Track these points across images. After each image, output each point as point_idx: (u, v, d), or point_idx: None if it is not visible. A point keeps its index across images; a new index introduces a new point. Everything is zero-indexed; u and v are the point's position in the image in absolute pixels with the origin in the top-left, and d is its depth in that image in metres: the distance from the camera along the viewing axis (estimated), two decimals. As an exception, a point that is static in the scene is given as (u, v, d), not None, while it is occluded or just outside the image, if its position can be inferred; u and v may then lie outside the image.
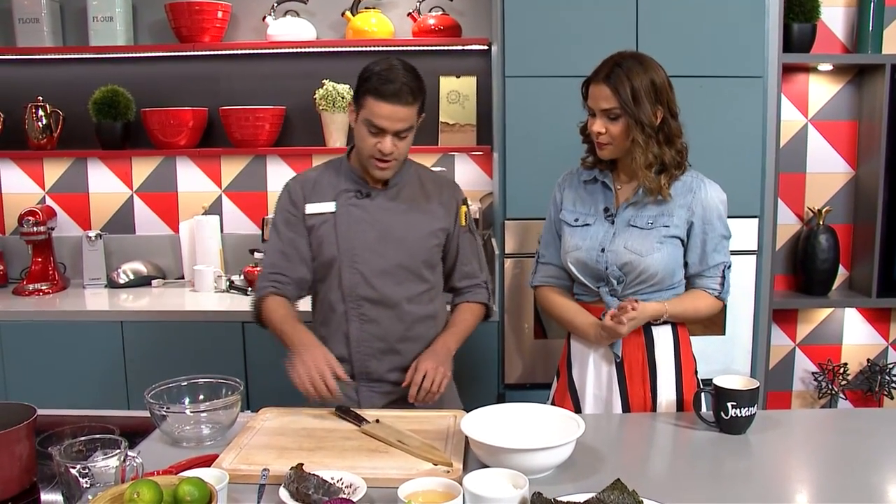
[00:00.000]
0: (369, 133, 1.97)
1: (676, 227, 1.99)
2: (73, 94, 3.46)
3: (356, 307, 2.09)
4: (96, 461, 1.38)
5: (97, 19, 3.31)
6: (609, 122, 1.95)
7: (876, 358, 3.54)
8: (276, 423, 1.81)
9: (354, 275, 2.07)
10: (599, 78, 1.95)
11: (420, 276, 2.12)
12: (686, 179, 2.01)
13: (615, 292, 2.01)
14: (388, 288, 2.08)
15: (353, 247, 2.07)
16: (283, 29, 3.32)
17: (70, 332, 3.03)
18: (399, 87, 1.93)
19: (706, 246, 2.02)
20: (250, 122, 3.33)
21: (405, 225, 2.10)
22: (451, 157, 3.53)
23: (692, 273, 2.05)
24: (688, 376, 2.05)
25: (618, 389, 2.02)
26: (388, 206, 2.10)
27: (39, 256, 3.39)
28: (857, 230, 3.44)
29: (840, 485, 1.53)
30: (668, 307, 1.98)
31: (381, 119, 1.94)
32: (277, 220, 2.15)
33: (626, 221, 2.01)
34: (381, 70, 1.95)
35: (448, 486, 1.37)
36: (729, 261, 2.05)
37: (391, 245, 2.08)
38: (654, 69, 1.95)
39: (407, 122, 1.98)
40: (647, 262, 1.96)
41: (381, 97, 1.93)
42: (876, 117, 3.22)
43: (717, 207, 2.02)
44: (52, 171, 3.59)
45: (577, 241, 2.05)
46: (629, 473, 1.42)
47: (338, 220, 2.08)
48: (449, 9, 3.37)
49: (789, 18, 3.14)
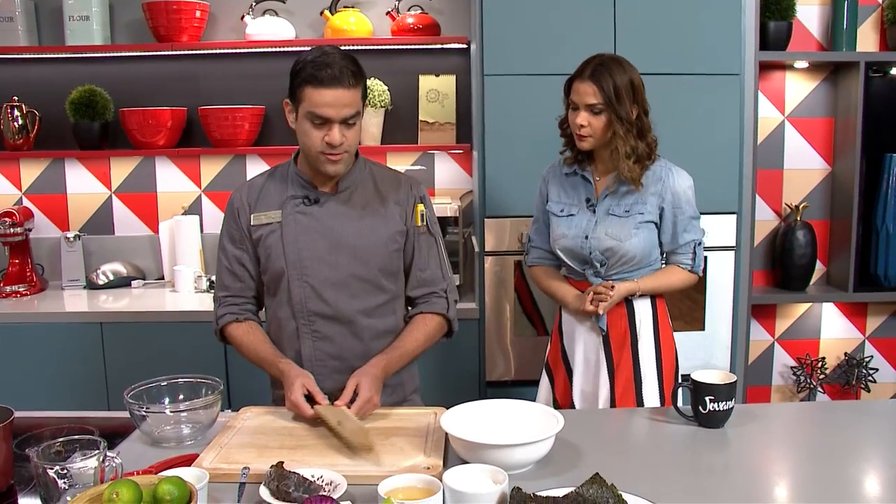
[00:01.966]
0: (314, 126, 1.83)
1: (650, 213, 2.22)
2: (49, 94, 3.43)
3: (307, 323, 1.96)
4: (75, 462, 1.37)
5: (73, 18, 3.28)
6: (592, 116, 2.15)
7: (853, 352, 3.58)
8: (257, 422, 1.81)
9: (304, 288, 1.94)
10: (585, 76, 2.14)
11: (378, 286, 1.98)
12: (655, 169, 2.23)
13: (599, 273, 2.25)
14: (342, 302, 1.95)
15: (302, 258, 1.93)
16: (261, 28, 3.31)
17: (49, 334, 3.01)
18: (338, 70, 1.79)
19: (677, 227, 2.25)
20: (229, 121, 3.32)
21: (358, 231, 1.95)
22: (431, 155, 3.53)
23: (666, 251, 2.30)
24: (666, 342, 2.29)
25: (604, 358, 2.26)
26: (339, 211, 1.96)
27: (17, 258, 3.36)
28: (833, 226, 3.48)
29: (818, 477, 1.54)
30: (641, 284, 2.23)
31: (324, 107, 1.80)
32: (223, 236, 2.03)
33: (605, 210, 2.23)
34: (315, 58, 1.82)
35: (428, 483, 1.37)
36: (699, 238, 2.29)
37: (343, 254, 1.94)
38: (632, 71, 2.17)
39: (352, 106, 1.83)
40: (626, 247, 2.20)
41: (321, 84, 1.79)
42: (851, 114, 3.26)
43: (685, 192, 2.24)
44: (29, 171, 3.56)
45: (563, 229, 2.27)
46: (608, 468, 1.43)
47: (285, 230, 1.94)
48: (428, 8, 3.37)
49: (765, 16, 3.17)
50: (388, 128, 3.42)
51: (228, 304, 2.03)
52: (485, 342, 2.96)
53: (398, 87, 3.41)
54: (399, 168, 3.46)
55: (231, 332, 2.02)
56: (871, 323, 3.58)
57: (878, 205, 3.31)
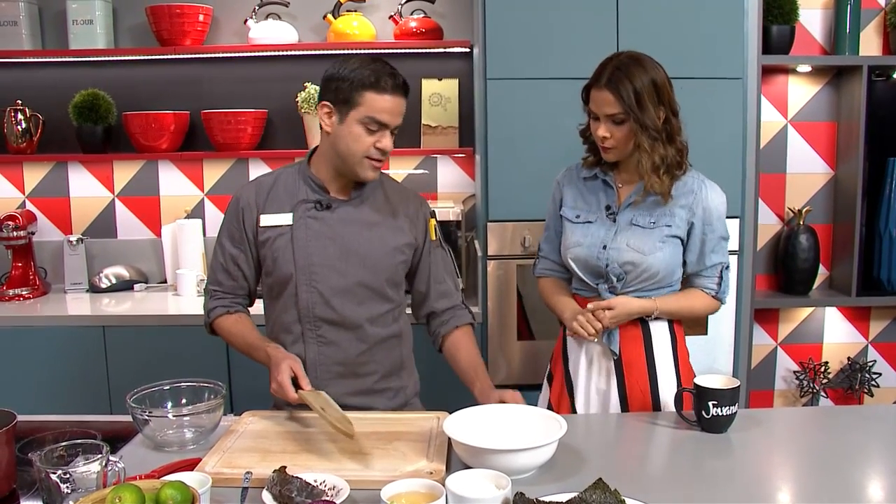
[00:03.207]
0: (367, 131, 1.85)
1: (678, 228, 2.00)
2: (52, 98, 3.43)
3: (313, 329, 1.95)
4: (77, 466, 1.37)
5: (77, 22, 3.29)
6: (614, 126, 1.94)
7: (856, 356, 3.57)
8: (260, 427, 1.81)
9: (312, 294, 1.93)
10: (601, 83, 1.92)
11: (384, 295, 1.99)
12: (687, 180, 2.02)
13: (614, 290, 2.01)
14: (349, 308, 1.95)
15: (312, 263, 1.93)
16: (264, 32, 3.32)
17: (51, 338, 3.01)
18: (399, 80, 1.86)
19: (705, 246, 2.03)
20: (232, 125, 3.32)
21: (368, 240, 1.95)
22: (434, 159, 3.53)
23: (690, 272, 2.07)
24: (685, 371, 2.07)
25: (616, 386, 2.03)
26: (351, 218, 1.96)
27: (20, 261, 3.37)
28: (836, 230, 3.47)
29: (821, 482, 1.54)
30: (659, 304, 2.00)
31: (385, 114, 1.84)
32: (222, 232, 2.03)
33: (627, 220, 2.01)
34: (373, 65, 1.84)
35: (431, 488, 1.37)
36: (727, 261, 2.07)
37: (353, 262, 1.94)
38: (654, 68, 1.94)
39: (403, 116, 1.90)
40: (650, 261, 1.98)
41: (385, 91, 1.83)
42: (854, 118, 3.26)
43: (717, 209, 2.02)
44: (33, 175, 3.56)
45: (577, 237, 2.05)
46: (611, 473, 1.43)
47: (295, 234, 1.94)
48: (430, 11, 3.37)
49: (768, 20, 3.17)
50: (390, 132, 3.42)
51: (219, 298, 2.04)
52: (487, 346, 2.96)
53: (401, 90, 3.41)
54: (402, 172, 3.49)
55: (220, 324, 2.03)
56: (874, 327, 3.57)
57: (881, 209, 3.30)
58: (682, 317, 2.08)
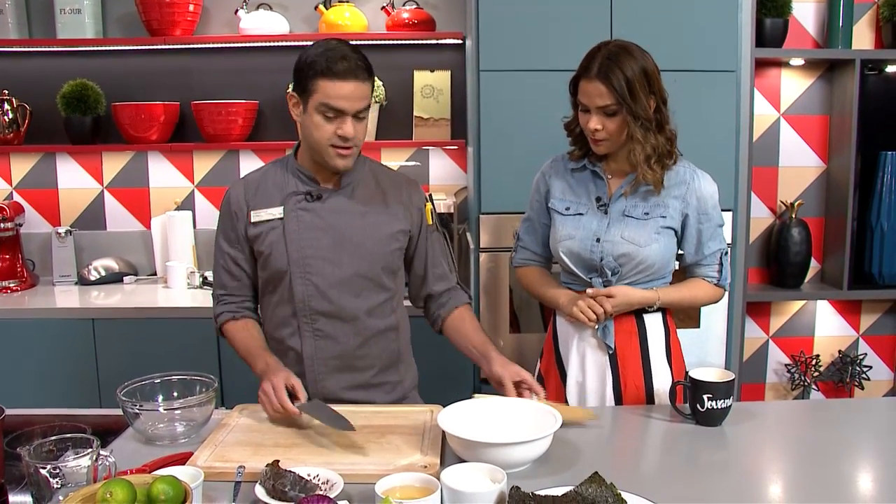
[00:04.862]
0: (326, 119, 1.81)
1: (672, 219, 1.99)
2: (40, 88, 3.39)
3: (310, 322, 1.93)
4: (67, 461, 1.35)
5: (64, 11, 3.25)
6: (606, 118, 1.90)
7: (847, 349, 3.58)
8: (252, 420, 1.79)
9: (307, 287, 1.91)
10: (591, 74, 1.89)
11: (380, 284, 1.96)
12: (679, 170, 2.00)
13: (608, 283, 1.98)
14: (346, 300, 1.92)
15: (305, 256, 1.90)
16: (255, 22, 3.29)
17: (40, 330, 2.98)
18: (353, 63, 1.79)
19: (702, 236, 2.02)
20: (223, 116, 3.30)
21: (362, 229, 1.93)
22: (426, 151, 3.51)
23: (689, 263, 2.06)
24: (677, 364, 2.06)
25: (611, 380, 2.02)
26: (343, 208, 1.93)
27: (7, 253, 3.33)
28: (828, 223, 3.48)
29: (813, 474, 1.54)
30: (661, 295, 1.99)
31: (340, 100, 1.79)
32: (219, 235, 2.02)
33: (620, 211, 1.99)
34: (327, 50, 1.80)
35: (425, 482, 1.36)
36: (725, 248, 2.06)
37: (347, 252, 1.91)
38: (644, 57, 1.92)
39: (365, 100, 1.83)
40: (645, 253, 1.96)
41: (337, 76, 1.78)
42: (846, 111, 3.26)
43: (711, 197, 2.01)
44: (20, 166, 3.52)
45: (569, 230, 2.02)
46: (607, 466, 1.42)
47: (287, 227, 1.91)
48: (423, 2, 3.35)
49: (761, 14, 3.16)
50: (382, 123, 3.41)
51: (226, 303, 2.03)
52: (479, 339, 2.95)
53: (393, 82, 3.40)
54: (394, 164, 3.47)
55: (227, 329, 2.01)
56: (864, 321, 3.58)
57: (872, 202, 3.30)
58: (685, 307, 2.07)
